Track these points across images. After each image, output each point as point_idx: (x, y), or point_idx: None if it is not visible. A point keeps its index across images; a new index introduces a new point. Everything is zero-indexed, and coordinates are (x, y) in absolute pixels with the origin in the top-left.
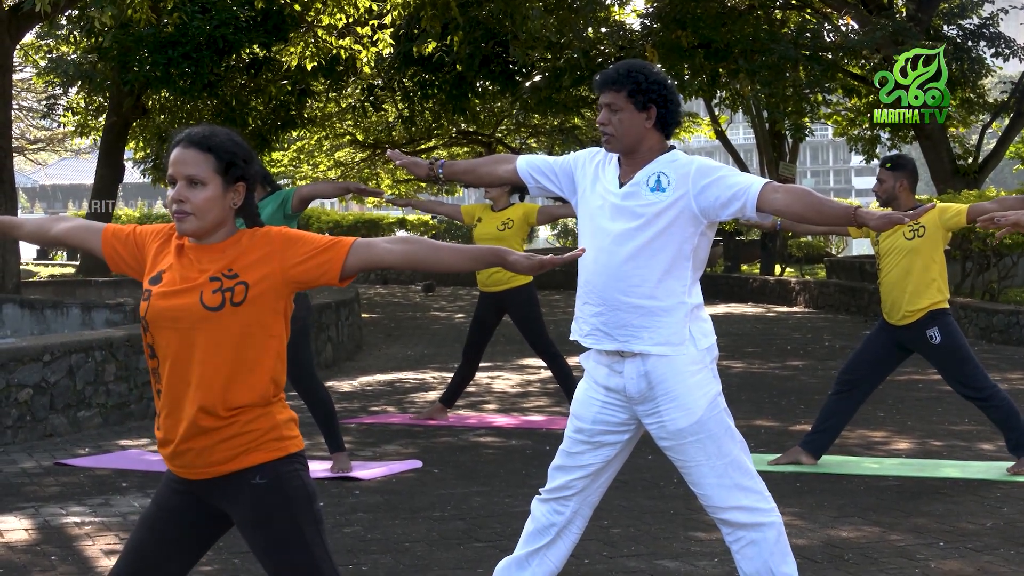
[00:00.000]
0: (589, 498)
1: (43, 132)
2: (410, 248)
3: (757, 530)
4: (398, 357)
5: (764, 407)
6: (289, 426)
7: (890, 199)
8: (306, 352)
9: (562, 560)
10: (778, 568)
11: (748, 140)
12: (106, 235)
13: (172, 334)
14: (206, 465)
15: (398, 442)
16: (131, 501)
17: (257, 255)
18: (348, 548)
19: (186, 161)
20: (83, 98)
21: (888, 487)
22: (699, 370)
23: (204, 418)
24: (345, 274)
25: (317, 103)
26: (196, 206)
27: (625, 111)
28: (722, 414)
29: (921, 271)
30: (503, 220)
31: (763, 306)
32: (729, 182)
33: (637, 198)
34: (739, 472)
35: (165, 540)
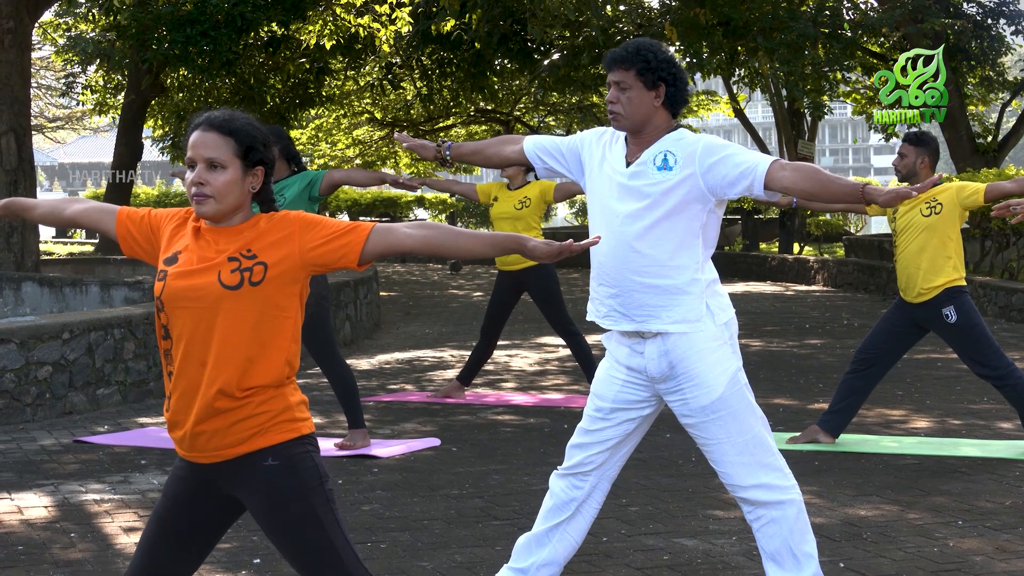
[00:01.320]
0: (608, 472)
1: (62, 110)
2: (429, 234)
3: (777, 507)
4: (416, 335)
5: (782, 385)
6: (300, 408)
7: (910, 174)
8: (327, 329)
9: (582, 535)
10: (798, 546)
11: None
12: (120, 217)
13: (188, 314)
14: (217, 448)
15: (416, 420)
16: (150, 478)
17: (276, 237)
18: (366, 526)
19: (207, 144)
20: (102, 76)
21: (906, 466)
22: (719, 346)
23: (219, 399)
24: (364, 259)
25: (335, 81)
26: (216, 189)
27: (634, 89)
28: (743, 390)
29: (937, 248)
30: (520, 199)
31: (781, 284)
32: (736, 160)
33: (644, 177)
34: (760, 449)
35: (178, 532)
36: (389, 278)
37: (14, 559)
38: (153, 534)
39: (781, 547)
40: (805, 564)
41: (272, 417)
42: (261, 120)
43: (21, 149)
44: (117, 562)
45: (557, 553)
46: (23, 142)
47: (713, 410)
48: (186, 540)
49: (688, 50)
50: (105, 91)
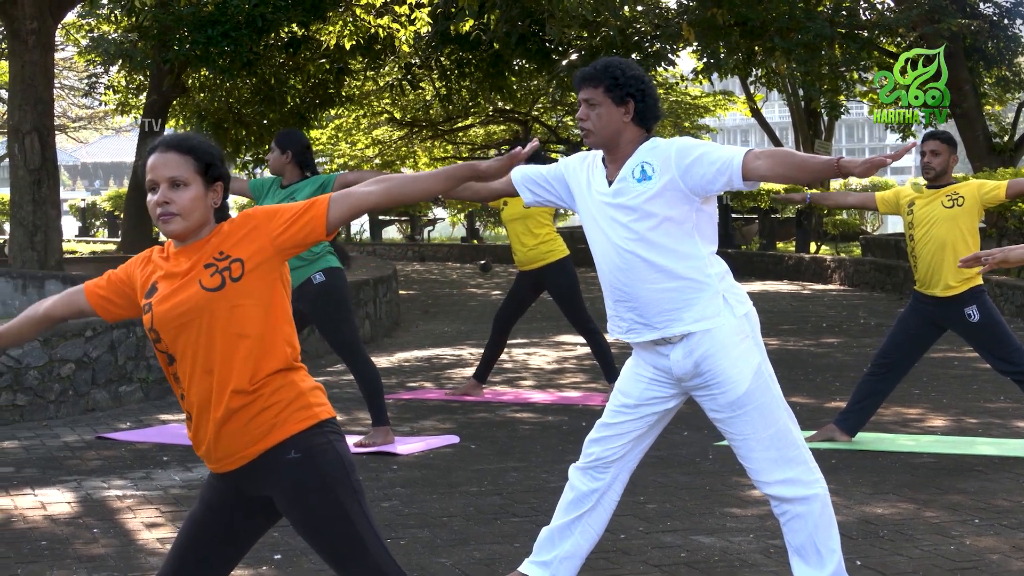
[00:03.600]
0: (628, 464)
1: (84, 110)
2: (386, 186)
3: (802, 503)
4: (435, 333)
5: (799, 384)
6: (315, 394)
7: (943, 172)
8: (349, 325)
9: (603, 527)
10: (823, 542)
11: (784, 118)
12: (89, 292)
13: (183, 330)
14: (241, 449)
15: (435, 418)
16: (172, 475)
17: (242, 233)
18: (386, 522)
19: (168, 163)
20: (124, 76)
21: (923, 464)
22: (742, 340)
23: (233, 398)
24: (331, 228)
25: (355, 81)
26: (182, 207)
27: (603, 106)
28: (768, 383)
29: (959, 242)
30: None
31: (798, 283)
32: (711, 158)
33: (627, 192)
34: (785, 443)
35: (212, 536)
36: (408, 277)
37: (38, 554)
38: (188, 537)
39: (806, 542)
40: (828, 560)
41: (286, 406)
42: (281, 120)
43: (44, 149)
44: (139, 557)
45: (579, 546)
46: (46, 142)
47: (739, 405)
48: (220, 544)
49: (705, 50)
50: (127, 91)
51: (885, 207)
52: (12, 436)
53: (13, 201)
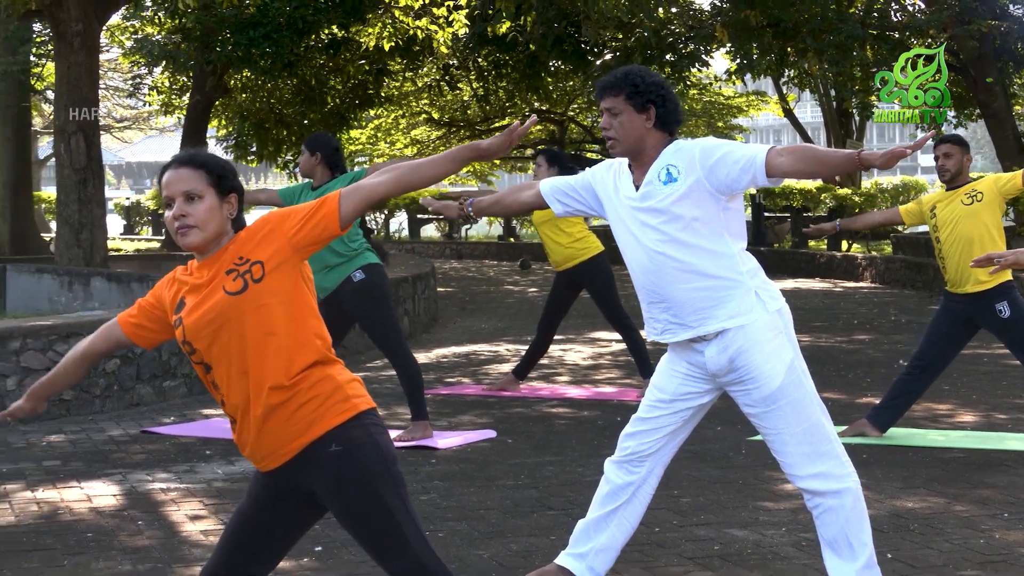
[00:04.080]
0: (663, 458)
1: (129, 111)
2: (394, 175)
3: (835, 496)
4: (473, 330)
5: (831, 380)
6: (353, 386)
7: (958, 172)
8: (391, 321)
9: (638, 519)
10: (855, 535)
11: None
12: (122, 323)
13: (214, 337)
14: (283, 445)
15: (473, 412)
16: (215, 468)
17: (260, 237)
18: (425, 515)
19: (181, 179)
20: (167, 77)
21: (953, 459)
22: (775, 336)
23: (272, 395)
24: (344, 222)
25: (394, 82)
26: (198, 219)
27: (625, 113)
28: (801, 378)
29: (985, 236)
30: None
31: (830, 281)
32: (735, 157)
33: (654, 196)
34: (818, 438)
35: (259, 531)
36: (446, 274)
37: (84, 545)
38: (235, 530)
39: (838, 535)
40: (860, 552)
41: (325, 399)
42: (322, 120)
43: (90, 148)
44: (183, 549)
45: (615, 538)
46: (92, 141)
47: (773, 400)
48: (267, 537)
49: (738, 51)
50: (171, 92)
51: (911, 218)
52: (59, 430)
53: (59, 200)
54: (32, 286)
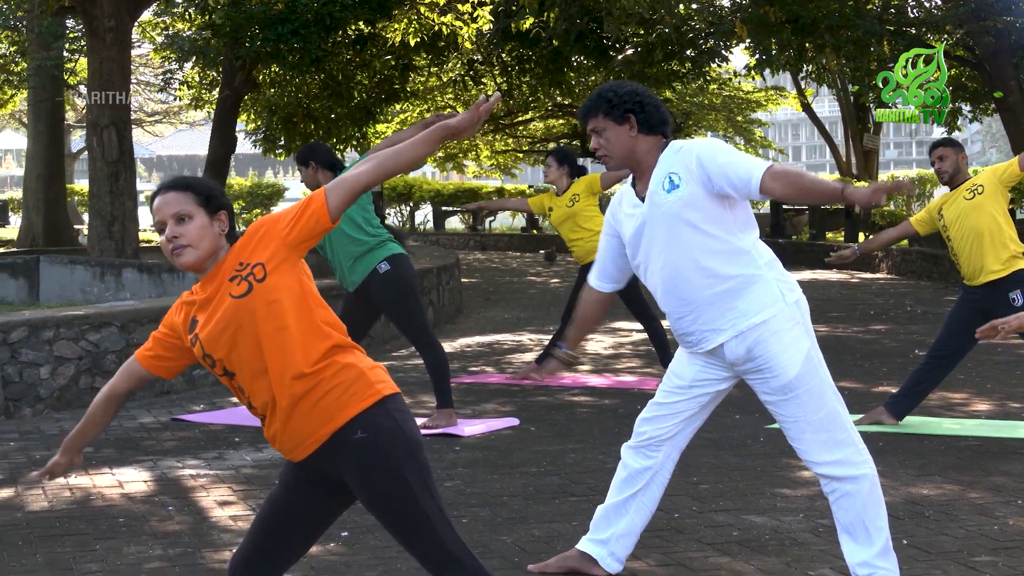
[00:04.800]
0: (679, 443)
1: (160, 105)
2: (374, 163)
3: (851, 482)
4: (496, 320)
5: (848, 369)
6: (376, 372)
7: (955, 172)
8: (417, 310)
9: (655, 504)
10: (872, 521)
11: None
12: (141, 359)
13: (230, 344)
14: (311, 434)
15: (496, 401)
16: (243, 455)
17: (255, 242)
18: (449, 501)
19: (169, 202)
20: (197, 72)
21: (968, 447)
22: (792, 327)
23: (295, 384)
24: (334, 215)
25: (419, 77)
26: (190, 237)
27: (608, 129)
28: (817, 368)
29: (993, 226)
30: (570, 197)
31: (847, 272)
32: (733, 171)
33: (660, 205)
34: (835, 426)
35: (290, 516)
36: (470, 265)
37: (116, 530)
38: (267, 516)
39: (855, 520)
40: (876, 538)
41: (349, 386)
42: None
43: (122, 142)
44: (212, 534)
45: (635, 523)
46: (123, 135)
47: (790, 389)
48: (298, 523)
49: (758, 47)
50: (200, 87)
51: (924, 227)
52: None
53: (92, 192)
54: (65, 277)
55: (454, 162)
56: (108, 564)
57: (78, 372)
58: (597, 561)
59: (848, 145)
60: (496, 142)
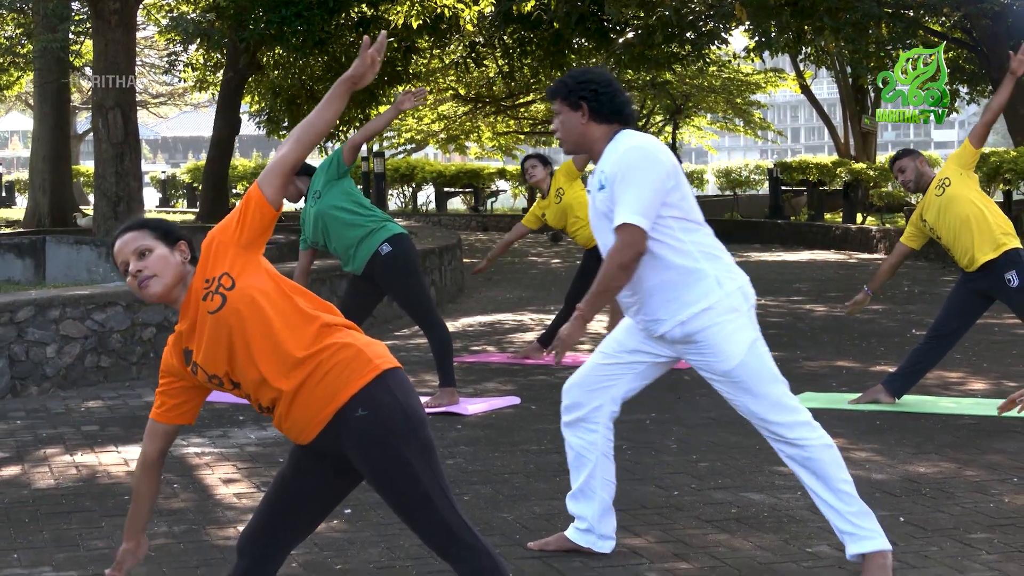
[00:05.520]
0: (610, 411)
1: (164, 87)
2: (292, 137)
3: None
4: (498, 300)
5: (845, 349)
6: (373, 348)
7: (919, 178)
8: (421, 290)
9: (614, 474)
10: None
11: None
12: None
13: (226, 356)
14: (315, 415)
15: (497, 380)
16: (247, 433)
17: (212, 256)
18: (451, 479)
19: (127, 242)
20: (202, 55)
21: (964, 425)
22: (734, 317)
23: (294, 371)
24: (274, 202)
25: (422, 59)
26: (153, 268)
27: (563, 113)
28: (762, 358)
29: (973, 210)
30: (555, 193)
31: (845, 253)
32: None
33: (594, 199)
34: (784, 410)
35: (300, 495)
36: (472, 246)
37: (121, 507)
38: (276, 494)
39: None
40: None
41: (348, 364)
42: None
43: (127, 124)
44: (217, 511)
45: (605, 500)
46: (128, 117)
47: (734, 376)
48: (307, 502)
49: (757, 29)
50: (205, 69)
51: (916, 241)
52: (97, 396)
53: (97, 173)
54: (71, 257)
55: (456, 143)
56: (114, 541)
57: (84, 351)
58: (590, 548)
59: (846, 127)
60: (498, 123)
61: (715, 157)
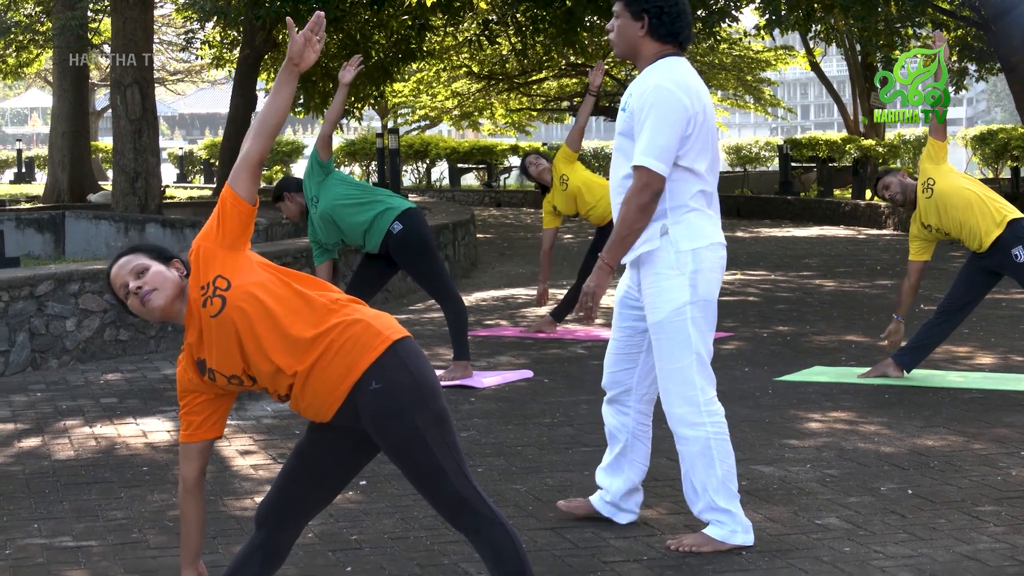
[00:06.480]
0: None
1: (182, 64)
2: (251, 134)
3: (683, 441)
4: (511, 274)
5: (854, 323)
6: (381, 320)
7: (905, 190)
8: (436, 264)
9: (647, 458)
10: (698, 479)
11: (841, 72)
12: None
13: (239, 355)
14: (332, 390)
15: (511, 353)
16: (263, 406)
17: (201, 264)
18: (464, 451)
19: (123, 265)
20: (218, 32)
21: (972, 399)
22: (674, 276)
23: (308, 351)
24: (248, 198)
25: (436, 37)
26: (151, 282)
27: (622, 19)
28: (686, 324)
29: (968, 196)
30: (558, 180)
31: (854, 228)
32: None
33: (620, 116)
34: (682, 383)
35: (317, 468)
36: (486, 221)
37: (139, 479)
38: (294, 466)
39: (687, 472)
40: (700, 496)
41: (359, 338)
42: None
43: (144, 100)
44: (234, 482)
45: (632, 479)
46: (146, 94)
47: (655, 331)
48: (325, 475)
49: (767, 6)
50: (221, 46)
51: (926, 252)
52: (115, 369)
53: (116, 149)
54: (90, 232)
55: (470, 120)
56: (132, 511)
57: (103, 325)
58: (611, 517)
59: (856, 104)
60: (511, 101)
61: (726, 134)
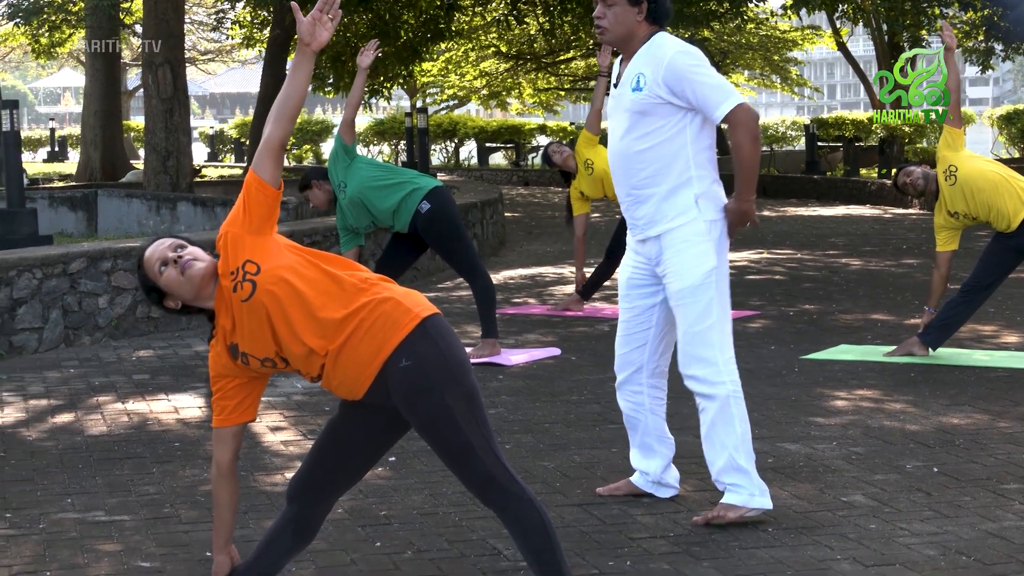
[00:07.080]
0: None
1: (212, 44)
2: (272, 118)
3: (704, 399)
4: (538, 253)
5: (880, 302)
6: (410, 298)
7: (927, 178)
8: (464, 243)
9: (667, 430)
10: (720, 438)
11: (868, 51)
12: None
13: (271, 337)
14: (364, 368)
15: (538, 331)
16: (294, 382)
17: (229, 250)
18: (493, 428)
19: (158, 245)
20: (249, 12)
21: (997, 378)
22: (701, 241)
23: (338, 330)
24: (272, 182)
25: (464, 17)
26: (193, 253)
27: (619, 5)
28: (712, 287)
29: (993, 177)
30: (583, 165)
31: (880, 208)
32: (701, 91)
33: (625, 96)
34: (704, 344)
35: (349, 444)
36: (513, 200)
37: (171, 454)
38: (326, 442)
39: (707, 433)
40: (720, 454)
41: (388, 315)
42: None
43: (176, 80)
44: (264, 458)
45: (666, 455)
46: (177, 73)
47: (679, 297)
48: (357, 451)
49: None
50: (252, 26)
51: (953, 241)
52: (147, 346)
53: (147, 128)
54: (122, 210)
55: (498, 100)
56: (164, 486)
57: (135, 302)
58: (653, 493)
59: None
60: (538, 80)
61: None
